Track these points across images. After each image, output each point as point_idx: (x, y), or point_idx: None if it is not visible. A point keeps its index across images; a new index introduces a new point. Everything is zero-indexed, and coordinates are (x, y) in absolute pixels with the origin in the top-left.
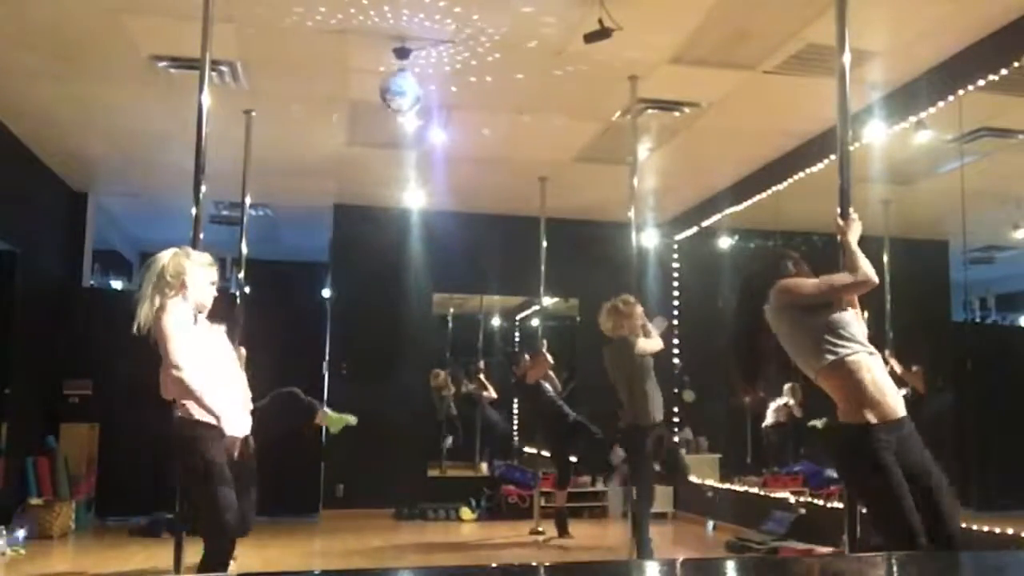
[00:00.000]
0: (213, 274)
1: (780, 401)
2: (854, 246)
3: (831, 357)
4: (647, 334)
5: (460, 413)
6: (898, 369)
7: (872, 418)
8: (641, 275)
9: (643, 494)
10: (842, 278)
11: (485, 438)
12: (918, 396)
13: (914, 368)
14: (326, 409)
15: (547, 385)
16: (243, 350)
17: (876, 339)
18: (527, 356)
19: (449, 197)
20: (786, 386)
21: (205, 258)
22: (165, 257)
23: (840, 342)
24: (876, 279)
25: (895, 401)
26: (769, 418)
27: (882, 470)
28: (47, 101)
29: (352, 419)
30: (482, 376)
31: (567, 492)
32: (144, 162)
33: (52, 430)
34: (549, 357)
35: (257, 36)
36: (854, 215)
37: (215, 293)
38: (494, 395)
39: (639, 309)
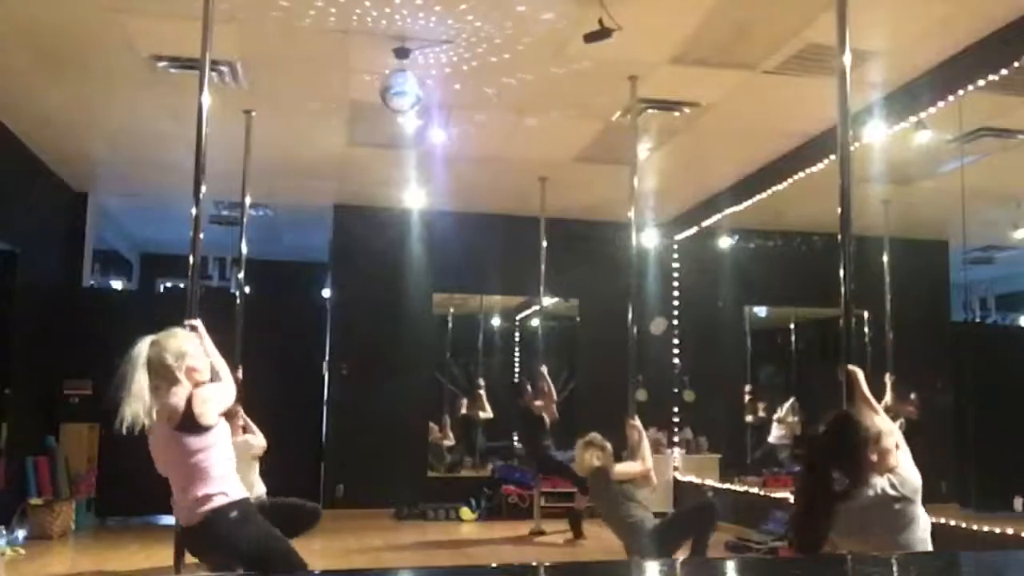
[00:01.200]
0: (196, 345)
1: (782, 413)
2: (886, 419)
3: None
4: (635, 456)
5: (459, 431)
6: (889, 400)
7: None
8: (641, 275)
9: (701, 537)
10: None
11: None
12: (912, 424)
13: (912, 396)
14: None
15: (547, 419)
16: (239, 372)
17: (876, 340)
18: (529, 388)
19: (449, 197)
20: (787, 404)
21: (182, 336)
22: (145, 353)
23: (926, 536)
24: None
25: None
26: (774, 432)
27: None
28: (47, 101)
29: None
30: (482, 392)
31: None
32: (144, 162)
33: (52, 430)
34: (550, 385)
35: (257, 36)
36: (855, 368)
37: (208, 358)
38: (490, 414)
39: (609, 446)
